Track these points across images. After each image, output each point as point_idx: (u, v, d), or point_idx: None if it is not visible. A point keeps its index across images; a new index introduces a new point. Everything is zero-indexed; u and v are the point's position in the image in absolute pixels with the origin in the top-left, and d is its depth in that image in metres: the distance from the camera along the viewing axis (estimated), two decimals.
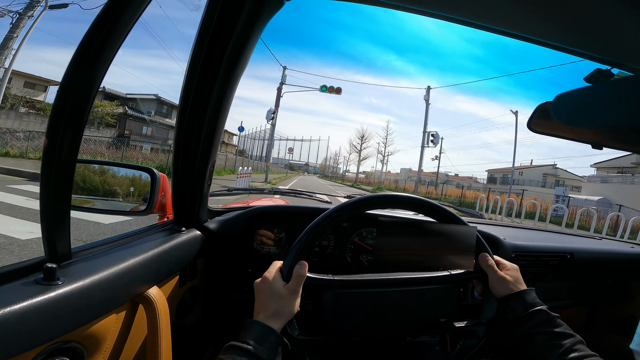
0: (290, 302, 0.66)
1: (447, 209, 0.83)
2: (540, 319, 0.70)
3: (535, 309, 0.71)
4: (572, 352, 0.64)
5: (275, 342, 0.61)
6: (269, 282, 0.67)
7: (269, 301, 0.65)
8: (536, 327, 0.69)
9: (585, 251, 1.35)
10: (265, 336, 0.60)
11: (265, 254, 1.13)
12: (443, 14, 0.60)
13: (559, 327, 0.68)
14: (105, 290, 0.56)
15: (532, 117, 0.82)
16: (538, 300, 0.74)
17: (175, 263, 0.81)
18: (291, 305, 0.66)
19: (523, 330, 0.70)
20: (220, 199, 4.87)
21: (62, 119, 0.48)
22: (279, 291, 0.66)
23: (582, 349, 0.65)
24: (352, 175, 54.98)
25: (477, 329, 0.79)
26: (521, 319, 0.71)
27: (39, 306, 0.45)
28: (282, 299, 0.66)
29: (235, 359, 0.55)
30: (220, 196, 1.52)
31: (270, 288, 0.66)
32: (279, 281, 0.68)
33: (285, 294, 0.66)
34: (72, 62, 0.46)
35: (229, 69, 0.73)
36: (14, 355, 0.42)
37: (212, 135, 0.82)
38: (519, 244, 1.22)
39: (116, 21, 0.47)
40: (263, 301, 0.66)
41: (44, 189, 0.49)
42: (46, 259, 0.53)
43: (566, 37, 0.61)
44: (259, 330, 0.60)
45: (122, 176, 1.08)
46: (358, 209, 0.80)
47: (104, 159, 12.88)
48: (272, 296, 0.66)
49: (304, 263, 0.70)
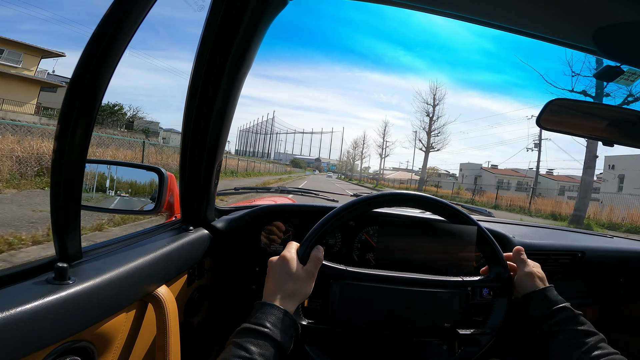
0: (307, 284, 0.66)
1: (455, 207, 0.82)
2: (563, 316, 0.68)
3: (559, 306, 0.69)
4: (595, 350, 0.62)
5: (290, 325, 0.60)
6: (287, 261, 0.66)
7: (286, 282, 0.64)
8: (559, 324, 0.67)
9: (597, 249, 1.32)
10: (281, 319, 0.59)
11: (272, 252, 1.13)
12: (454, 12, 0.60)
13: (582, 325, 0.66)
14: (116, 290, 0.57)
15: (542, 114, 0.81)
16: (560, 298, 0.72)
17: (184, 262, 0.82)
18: (307, 287, 0.66)
19: (544, 328, 0.68)
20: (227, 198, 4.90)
21: (71, 121, 0.48)
22: (298, 272, 0.65)
23: (605, 347, 0.63)
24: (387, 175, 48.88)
25: (480, 338, 0.77)
26: (544, 317, 0.69)
27: (50, 306, 0.46)
28: (300, 281, 0.65)
29: (252, 342, 0.54)
30: (227, 195, 1.53)
31: (289, 268, 0.65)
32: (297, 262, 0.67)
33: (302, 275, 0.66)
34: (80, 63, 0.47)
35: (234, 68, 0.73)
36: (26, 355, 0.43)
37: (218, 135, 0.83)
38: (528, 242, 1.20)
39: (121, 22, 0.47)
40: (279, 281, 0.64)
41: (54, 190, 0.50)
42: (57, 259, 0.53)
43: (576, 34, 0.60)
44: (275, 313, 0.59)
45: (131, 175, 1.09)
46: (375, 205, 0.79)
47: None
48: (290, 276, 0.65)
49: (321, 248, 0.70)
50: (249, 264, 1.12)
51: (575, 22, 0.56)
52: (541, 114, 0.81)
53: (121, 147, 10.75)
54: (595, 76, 2.25)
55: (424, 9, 0.61)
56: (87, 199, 0.99)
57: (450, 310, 0.77)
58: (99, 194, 1.03)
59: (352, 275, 0.74)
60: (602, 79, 0.68)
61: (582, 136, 0.87)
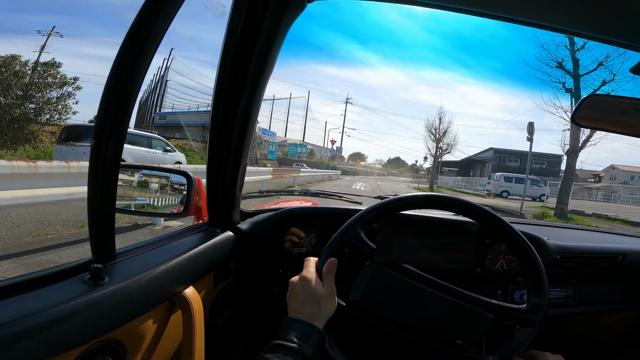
0: (330, 301, 0.66)
1: (484, 208, 0.79)
2: None
3: None
4: None
5: (318, 339, 0.61)
6: (308, 281, 0.67)
7: (309, 302, 0.65)
8: None
9: (639, 252, 1.23)
10: (309, 334, 0.60)
11: (296, 254, 1.14)
12: (441, 3, 0.58)
13: None
14: (147, 290, 0.59)
15: (577, 110, 0.76)
16: None
17: (210, 264, 0.83)
18: (331, 306, 0.66)
19: None
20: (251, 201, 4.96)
21: (106, 128, 0.50)
22: (319, 292, 0.66)
23: None
24: None
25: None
26: None
27: (86, 305, 0.48)
28: (323, 299, 0.65)
29: (282, 358, 0.55)
30: (251, 198, 1.55)
31: (310, 288, 0.66)
32: (318, 281, 0.67)
33: (325, 293, 0.66)
34: (112, 72, 0.49)
35: (257, 71, 0.74)
36: (60, 353, 0.45)
37: (242, 138, 0.84)
38: (564, 244, 1.13)
39: (150, 29, 0.49)
40: (303, 301, 0.65)
41: (91, 195, 0.53)
42: (93, 260, 0.56)
43: (605, 27, 0.56)
44: (302, 329, 0.60)
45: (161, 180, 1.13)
46: (392, 210, 0.78)
47: None
48: (312, 297, 0.65)
49: (334, 260, 0.70)
50: (273, 265, 1.13)
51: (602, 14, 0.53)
52: (576, 110, 0.76)
53: None
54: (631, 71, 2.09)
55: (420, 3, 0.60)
56: (122, 202, 1.04)
57: (469, 328, 0.73)
58: (132, 197, 1.08)
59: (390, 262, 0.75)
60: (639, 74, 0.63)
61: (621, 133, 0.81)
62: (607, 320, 1.31)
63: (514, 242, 0.77)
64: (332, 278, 0.69)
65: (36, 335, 0.41)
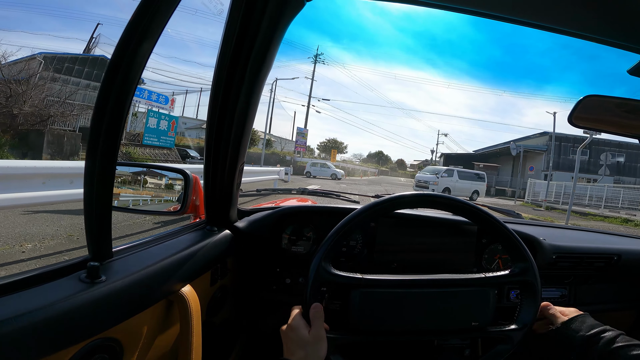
0: (317, 347, 0.66)
1: (480, 207, 0.79)
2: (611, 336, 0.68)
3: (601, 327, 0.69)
4: None
5: None
6: (294, 330, 0.68)
7: (296, 348, 0.66)
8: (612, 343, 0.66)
9: (634, 252, 1.25)
10: None
11: (294, 253, 1.14)
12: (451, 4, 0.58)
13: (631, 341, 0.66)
14: (144, 288, 0.59)
15: (574, 111, 0.77)
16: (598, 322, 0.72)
17: (207, 262, 0.83)
18: (320, 350, 0.66)
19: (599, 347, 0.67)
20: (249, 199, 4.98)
21: (102, 125, 0.50)
22: (305, 339, 0.66)
23: None
24: None
25: (512, 334, 0.74)
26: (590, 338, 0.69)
27: (82, 303, 0.48)
28: (310, 346, 0.66)
29: None
30: (249, 197, 1.55)
31: (297, 336, 0.67)
32: (304, 328, 0.68)
33: (311, 340, 0.66)
34: (108, 68, 0.49)
35: (255, 70, 0.74)
36: (58, 351, 0.45)
37: (240, 137, 0.84)
38: (560, 244, 1.15)
39: (146, 28, 0.49)
40: (291, 348, 0.66)
41: (87, 193, 0.53)
42: (90, 258, 0.56)
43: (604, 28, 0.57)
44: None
45: (158, 178, 1.13)
46: (385, 210, 0.78)
47: None
48: (299, 344, 0.66)
49: (319, 306, 0.69)
50: (271, 264, 1.13)
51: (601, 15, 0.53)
52: (573, 111, 0.77)
53: None
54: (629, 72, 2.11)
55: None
56: (118, 200, 1.04)
57: (477, 309, 0.75)
58: (129, 196, 1.08)
59: (370, 283, 0.73)
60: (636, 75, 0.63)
61: (619, 134, 0.81)
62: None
63: (500, 234, 0.78)
64: (320, 322, 0.68)
65: (33, 333, 0.41)
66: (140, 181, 1.09)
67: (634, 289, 1.33)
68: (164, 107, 18.29)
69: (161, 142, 17.56)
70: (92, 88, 18.85)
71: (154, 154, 16.80)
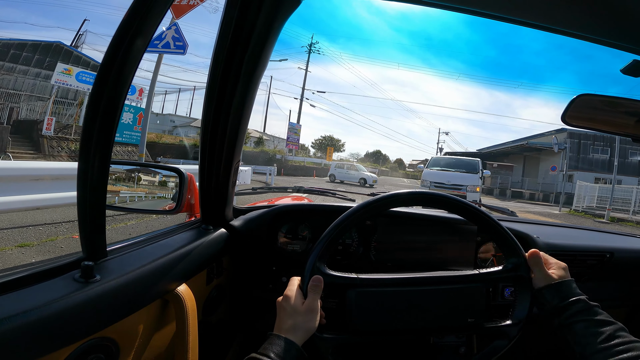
0: (308, 318, 0.67)
1: (474, 205, 0.80)
2: (578, 308, 0.68)
3: (574, 298, 0.69)
4: (614, 339, 0.62)
5: (296, 356, 0.62)
6: (287, 298, 0.68)
7: (286, 317, 0.66)
8: (575, 315, 0.67)
9: (626, 250, 1.26)
10: (287, 349, 0.61)
11: (290, 252, 1.14)
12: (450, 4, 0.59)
13: (599, 315, 0.67)
14: (139, 288, 0.59)
15: (567, 110, 0.78)
16: (577, 291, 0.72)
17: (203, 261, 0.83)
18: (309, 322, 0.67)
19: (561, 320, 0.69)
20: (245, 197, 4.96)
21: (96, 123, 0.50)
22: (297, 309, 0.67)
23: (624, 335, 0.63)
24: None
25: (508, 329, 0.75)
26: (559, 309, 0.69)
27: (77, 303, 0.47)
28: (300, 316, 0.66)
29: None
30: (245, 195, 1.55)
31: (290, 305, 0.67)
32: (299, 298, 0.68)
33: (302, 311, 0.67)
34: (102, 67, 0.48)
35: (250, 69, 0.74)
36: (53, 351, 0.45)
37: (235, 135, 0.84)
38: (553, 242, 1.16)
39: (140, 26, 0.48)
40: (283, 318, 0.67)
41: (80, 191, 0.52)
42: (84, 257, 0.55)
43: (596, 28, 0.57)
44: (280, 344, 0.61)
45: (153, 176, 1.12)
46: (380, 208, 0.78)
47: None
48: (291, 313, 0.67)
49: (319, 278, 0.70)
50: (266, 263, 1.13)
51: (594, 14, 0.53)
52: (566, 110, 0.77)
53: None
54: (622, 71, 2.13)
55: None
56: (112, 199, 1.03)
57: (472, 306, 0.76)
58: (123, 194, 1.07)
59: (364, 282, 0.73)
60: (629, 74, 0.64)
61: (611, 133, 0.82)
62: None
63: (495, 232, 0.79)
64: (316, 295, 0.69)
65: (27, 334, 0.41)
66: (134, 180, 1.08)
67: (626, 286, 1.35)
68: (129, 98, 15.10)
69: (124, 138, 14.76)
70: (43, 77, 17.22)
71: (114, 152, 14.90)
